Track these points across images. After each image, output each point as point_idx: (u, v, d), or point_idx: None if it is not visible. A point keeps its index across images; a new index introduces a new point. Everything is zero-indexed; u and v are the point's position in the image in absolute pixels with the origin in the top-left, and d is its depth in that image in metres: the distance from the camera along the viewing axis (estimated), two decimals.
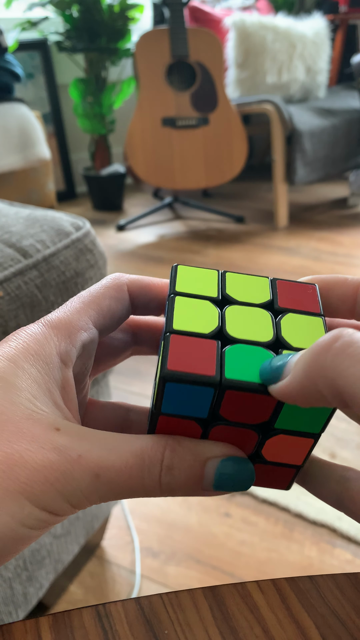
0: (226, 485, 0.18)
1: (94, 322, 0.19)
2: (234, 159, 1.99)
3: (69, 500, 0.16)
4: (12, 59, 1.72)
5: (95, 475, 0.16)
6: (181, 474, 0.17)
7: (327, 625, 0.20)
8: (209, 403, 0.17)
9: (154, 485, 0.17)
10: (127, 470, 0.17)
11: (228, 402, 0.17)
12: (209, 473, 0.17)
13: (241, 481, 0.18)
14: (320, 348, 0.14)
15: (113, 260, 1.86)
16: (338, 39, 2.52)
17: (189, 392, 0.17)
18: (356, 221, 2.11)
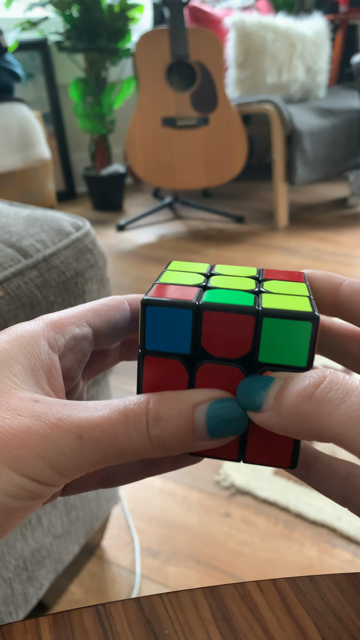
0: (220, 428, 0.17)
1: (89, 322, 0.20)
2: (234, 159, 1.99)
3: (53, 465, 0.16)
4: (12, 59, 1.72)
5: (78, 436, 0.16)
6: (170, 423, 0.17)
7: (327, 625, 0.20)
8: (189, 332, 0.17)
9: (144, 440, 0.16)
10: (111, 428, 0.16)
11: (208, 328, 0.17)
12: (199, 418, 0.17)
13: (235, 420, 0.17)
14: (302, 398, 0.15)
15: (113, 260, 1.86)
16: (338, 39, 2.52)
17: (169, 318, 0.17)
18: (356, 221, 2.11)
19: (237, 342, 0.17)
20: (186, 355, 0.18)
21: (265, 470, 0.90)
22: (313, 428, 0.15)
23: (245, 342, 0.17)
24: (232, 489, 0.87)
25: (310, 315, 0.17)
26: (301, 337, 0.17)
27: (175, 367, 0.18)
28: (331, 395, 0.15)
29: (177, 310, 0.17)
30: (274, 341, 0.17)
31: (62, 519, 0.56)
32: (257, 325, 0.17)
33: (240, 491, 0.86)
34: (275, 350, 0.17)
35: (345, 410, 0.14)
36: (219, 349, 0.17)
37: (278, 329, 0.17)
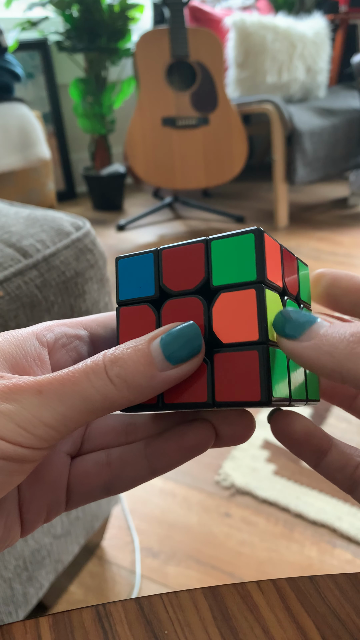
0: (176, 351, 0.17)
1: (85, 326, 0.21)
2: (234, 159, 1.99)
3: (17, 422, 0.16)
4: (12, 59, 1.72)
5: (37, 391, 0.16)
6: (127, 360, 0.17)
7: (327, 625, 0.20)
8: (152, 273, 0.20)
9: (105, 382, 0.16)
10: (69, 377, 0.16)
11: (167, 266, 0.19)
12: (155, 348, 0.17)
13: (188, 338, 0.17)
14: (355, 338, 0.16)
15: (113, 260, 1.86)
16: (338, 38, 2.52)
17: (136, 266, 0.20)
18: (356, 221, 2.11)
19: (193, 272, 0.19)
20: (152, 298, 0.19)
21: (266, 470, 0.90)
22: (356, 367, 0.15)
23: (199, 270, 0.19)
24: (232, 489, 0.87)
25: (253, 229, 0.18)
26: (247, 250, 0.18)
27: (144, 312, 0.19)
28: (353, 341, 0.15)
29: (142, 256, 0.20)
30: (224, 262, 0.18)
31: (62, 519, 0.56)
32: (207, 251, 0.18)
33: (240, 491, 0.86)
34: (227, 271, 0.18)
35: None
36: (179, 283, 0.19)
37: (225, 249, 0.18)
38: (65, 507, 0.20)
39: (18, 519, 0.19)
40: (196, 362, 0.17)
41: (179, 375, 0.17)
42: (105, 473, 0.20)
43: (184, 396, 0.19)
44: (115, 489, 0.20)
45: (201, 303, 0.18)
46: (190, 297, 0.19)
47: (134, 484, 0.20)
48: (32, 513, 0.19)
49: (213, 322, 0.18)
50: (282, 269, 0.19)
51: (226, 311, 0.18)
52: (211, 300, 0.18)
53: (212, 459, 0.93)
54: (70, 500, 0.20)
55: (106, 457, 0.20)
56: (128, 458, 0.20)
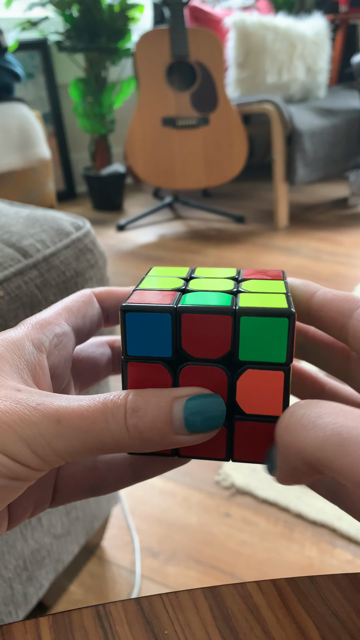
0: (196, 421, 0.17)
1: (66, 320, 0.20)
2: (234, 159, 1.99)
3: (31, 447, 0.16)
4: (12, 58, 1.72)
5: (56, 420, 0.16)
6: (147, 414, 0.17)
7: (327, 625, 0.20)
8: (169, 336, 0.18)
9: (121, 429, 0.17)
10: (89, 415, 0.16)
11: (187, 330, 0.18)
12: (177, 411, 0.17)
13: (212, 413, 0.17)
14: (282, 430, 0.16)
15: (113, 260, 1.86)
16: (338, 38, 2.52)
17: (148, 323, 0.18)
18: (356, 221, 2.11)
19: (217, 343, 0.18)
20: (168, 359, 0.18)
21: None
22: (296, 456, 0.15)
23: (225, 342, 0.18)
24: (232, 489, 0.87)
25: (286, 312, 0.17)
26: (279, 333, 0.17)
27: (158, 370, 0.18)
28: (303, 421, 0.15)
29: (156, 315, 0.18)
30: (253, 339, 0.17)
31: (62, 519, 0.56)
32: (235, 324, 0.17)
33: (240, 491, 0.86)
34: (255, 348, 0.17)
35: (316, 432, 0.15)
36: (200, 350, 0.18)
37: (255, 327, 0.17)
38: (50, 504, 0.21)
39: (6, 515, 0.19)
40: (211, 435, 0.18)
41: (192, 442, 0.17)
42: (91, 476, 0.21)
43: (202, 452, 0.19)
44: (100, 491, 0.21)
45: (225, 373, 0.18)
46: (213, 367, 0.18)
47: (118, 488, 0.21)
48: (19, 509, 0.20)
49: (237, 393, 0.18)
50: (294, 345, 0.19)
51: (251, 385, 0.18)
52: (235, 371, 0.18)
53: None
54: (56, 498, 0.21)
55: (93, 461, 0.21)
56: (114, 464, 0.21)
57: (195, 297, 0.18)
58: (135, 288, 0.20)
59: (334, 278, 1.64)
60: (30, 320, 0.20)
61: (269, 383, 0.18)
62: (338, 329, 0.19)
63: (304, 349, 0.22)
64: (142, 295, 0.19)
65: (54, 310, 0.21)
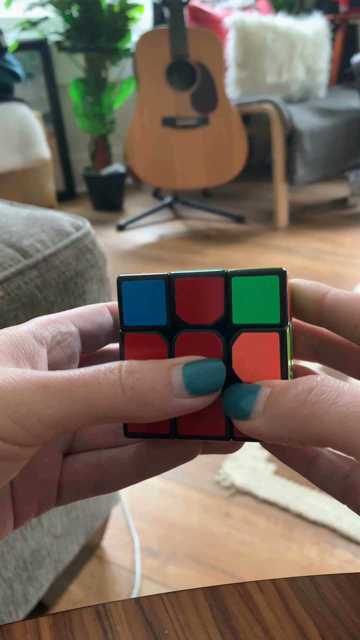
0: (198, 383, 0.17)
1: (74, 322, 0.20)
2: (234, 158, 1.99)
3: (14, 419, 0.15)
4: (12, 59, 1.72)
5: (42, 386, 0.15)
6: (145, 376, 0.16)
7: (327, 625, 0.20)
8: (164, 301, 0.18)
9: (116, 390, 0.16)
10: (80, 378, 0.16)
11: (181, 295, 0.18)
12: (176, 375, 0.17)
13: (212, 375, 0.17)
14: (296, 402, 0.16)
15: (113, 260, 1.86)
16: (338, 38, 2.52)
17: (143, 291, 0.18)
18: (356, 221, 2.11)
19: (210, 307, 0.18)
20: (163, 327, 0.18)
21: (266, 470, 0.90)
22: (308, 430, 0.15)
23: (218, 305, 0.18)
24: (232, 489, 0.87)
25: (277, 270, 0.17)
26: (271, 292, 0.17)
27: (154, 341, 0.18)
28: (324, 397, 0.15)
29: (151, 282, 0.18)
30: (245, 300, 0.17)
31: (62, 519, 0.56)
32: (227, 286, 0.18)
33: (240, 491, 0.86)
34: (248, 310, 0.17)
35: (339, 409, 0.15)
36: (194, 316, 0.18)
37: (247, 287, 0.17)
38: (55, 503, 0.21)
39: (11, 513, 0.19)
40: (212, 398, 0.17)
41: (193, 406, 0.17)
42: (95, 474, 0.21)
43: (201, 429, 0.19)
44: (104, 489, 0.21)
45: (219, 339, 0.18)
46: (208, 332, 0.18)
47: (123, 486, 0.21)
48: (24, 508, 0.20)
49: (232, 360, 0.18)
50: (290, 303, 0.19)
51: (246, 350, 0.18)
52: (230, 337, 0.18)
53: (212, 459, 0.93)
54: (61, 497, 0.21)
55: (97, 459, 0.21)
56: (118, 461, 0.21)
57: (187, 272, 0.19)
58: None
59: (334, 278, 1.64)
60: (37, 319, 0.20)
61: (265, 347, 0.18)
62: (352, 329, 0.19)
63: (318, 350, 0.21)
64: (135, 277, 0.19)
65: (63, 313, 0.21)
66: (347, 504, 0.20)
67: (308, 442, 0.16)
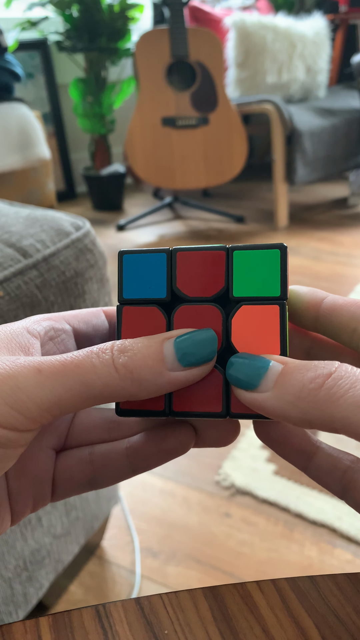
0: (190, 354, 0.16)
1: (68, 321, 0.20)
2: (234, 158, 1.99)
3: (10, 403, 0.15)
4: (12, 58, 1.72)
5: (36, 370, 0.15)
6: (137, 353, 0.16)
7: (327, 625, 0.20)
8: (164, 274, 0.18)
9: (109, 369, 0.16)
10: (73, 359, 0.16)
11: (182, 268, 0.18)
12: (168, 349, 0.16)
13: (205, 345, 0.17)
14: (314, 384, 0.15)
15: (113, 260, 1.86)
16: (338, 38, 2.52)
17: (144, 265, 0.18)
18: (356, 221, 2.11)
19: (211, 280, 0.18)
20: (163, 300, 0.18)
21: (266, 470, 0.90)
22: (321, 413, 0.15)
23: (219, 278, 0.18)
24: (232, 489, 0.87)
25: (278, 244, 0.17)
26: (272, 265, 0.17)
27: (153, 314, 0.18)
28: (342, 382, 0.15)
29: (152, 255, 0.18)
30: (246, 274, 0.18)
31: (62, 519, 0.56)
32: (228, 260, 0.18)
33: (240, 491, 0.86)
34: (248, 283, 0.18)
35: (357, 393, 0.15)
36: (194, 288, 0.18)
37: (248, 261, 0.17)
38: (50, 498, 0.21)
39: (8, 510, 0.19)
40: (206, 369, 0.17)
41: (187, 378, 0.17)
42: (88, 470, 0.21)
43: (196, 405, 0.18)
44: (98, 484, 0.21)
45: (219, 312, 0.18)
46: (207, 305, 0.18)
47: (117, 481, 0.21)
48: (20, 504, 0.20)
49: (232, 333, 0.18)
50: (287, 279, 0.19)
51: (246, 323, 0.18)
52: (230, 310, 0.18)
53: (212, 459, 0.93)
54: (55, 493, 0.21)
55: (89, 454, 0.21)
56: (110, 457, 0.21)
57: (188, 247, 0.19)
58: None
59: (333, 278, 1.64)
60: (32, 317, 0.20)
61: (265, 320, 0.18)
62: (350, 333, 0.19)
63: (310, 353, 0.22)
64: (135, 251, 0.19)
65: (59, 313, 0.21)
66: (345, 499, 0.20)
67: (319, 425, 0.16)
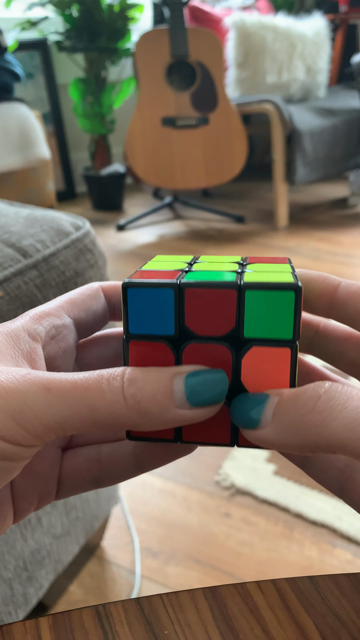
0: (200, 395, 0.16)
1: (68, 313, 0.20)
2: (234, 158, 1.99)
3: (16, 419, 0.15)
4: (12, 58, 1.72)
5: (46, 388, 0.15)
6: (147, 385, 0.16)
7: (327, 625, 0.20)
8: (172, 312, 0.17)
9: (118, 398, 0.16)
10: (83, 382, 0.16)
11: (190, 306, 0.17)
12: (178, 385, 0.16)
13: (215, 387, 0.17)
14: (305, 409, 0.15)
15: (113, 260, 1.86)
16: (338, 38, 2.52)
17: (150, 299, 0.17)
18: (356, 221, 2.11)
19: (221, 319, 0.17)
20: (171, 337, 0.18)
21: (266, 470, 0.90)
22: (318, 437, 0.15)
23: (229, 318, 0.17)
24: (232, 489, 0.87)
25: (293, 285, 0.16)
26: (285, 308, 0.17)
27: (160, 349, 0.18)
28: (332, 403, 0.15)
29: (159, 290, 0.17)
30: (258, 314, 0.17)
31: (62, 519, 0.56)
32: (240, 299, 0.17)
33: (240, 491, 0.86)
34: (260, 324, 0.17)
35: (348, 414, 0.15)
36: (204, 327, 0.17)
37: (261, 302, 0.17)
38: (55, 497, 0.21)
39: (11, 508, 0.19)
40: (213, 410, 0.17)
41: (193, 418, 0.17)
42: (95, 468, 0.21)
43: (205, 436, 0.19)
44: (103, 482, 0.21)
45: (229, 352, 0.17)
46: (217, 344, 0.17)
47: (122, 479, 0.21)
48: (24, 503, 0.20)
49: (242, 373, 0.18)
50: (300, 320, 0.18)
51: (256, 364, 0.17)
52: (240, 349, 0.17)
53: (212, 459, 0.93)
54: (61, 490, 0.21)
55: (96, 453, 0.21)
56: (117, 455, 0.21)
57: (198, 274, 0.18)
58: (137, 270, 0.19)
59: None
60: (29, 312, 0.19)
61: (275, 361, 0.17)
62: None
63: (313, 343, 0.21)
64: (144, 274, 0.18)
65: (56, 303, 0.20)
66: (343, 498, 0.20)
67: (319, 449, 0.15)
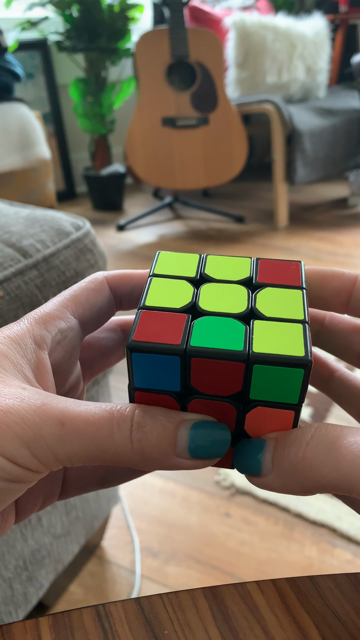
0: (201, 448, 0.17)
1: (73, 312, 0.20)
2: (234, 159, 1.99)
3: (30, 448, 0.16)
4: (12, 59, 1.72)
5: (60, 422, 0.16)
6: (153, 431, 0.16)
7: (327, 625, 0.20)
8: (178, 374, 0.17)
9: (125, 441, 0.16)
10: (95, 421, 0.16)
11: (197, 371, 0.17)
12: (182, 435, 0.17)
13: (216, 444, 0.17)
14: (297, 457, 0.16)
15: (113, 260, 1.86)
16: (338, 39, 2.52)
17: (156, 363, 0.17)
18: (356, 221, 2.11)
19: (227, 384, 0.17)
20: (177, 392, 0.18)
21: None
22: (311, 482, 0.16)
23: (236, 383, 0.17)
24: (232, 489, 0.87)
25: (303, 361, 0.16)
26: (293, 380, 0.17)
27: (167, 400, 0.18)
28: (318, 450, 0.16)
29: (164, 357, 0.17)
30: (265, 383, 0.17)
31: (62, 519, 0.56)
32: (248, 369, 0.17)
33: (240, 491, 0.86)
34: (267, 390, 0.17)
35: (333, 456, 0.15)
36: (209, 388, 0.17)
37: (269, 374, 0.17)
38: (58, 497, 0.21)
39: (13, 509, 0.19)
40: (212, 462, 0.18)
41: (191, 467, 0.17)
42: (101, 469, 0.21)
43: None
44: (109, 483, 0.21)
45: (234, 408, 0.18)
46: (223, 402, 0.18)
47: (126, 480, 0.21)
48: (29, 504, 0.20)
49: (245, 424, 0.18)
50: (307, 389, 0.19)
51: (260, 419, 0.18)
52: (245, 406, 0.18)
53: None
54: (65, 491, 0.21)
55: None
56: None
57: (205, 330, 0.17)
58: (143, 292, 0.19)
59: None
60: (33, 314, 0.19)
61: (279, 418, 0.18)
62: None
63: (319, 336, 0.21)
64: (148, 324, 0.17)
65: (60, 302, 0.20)
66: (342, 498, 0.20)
67: (316, 491, 0.16)
